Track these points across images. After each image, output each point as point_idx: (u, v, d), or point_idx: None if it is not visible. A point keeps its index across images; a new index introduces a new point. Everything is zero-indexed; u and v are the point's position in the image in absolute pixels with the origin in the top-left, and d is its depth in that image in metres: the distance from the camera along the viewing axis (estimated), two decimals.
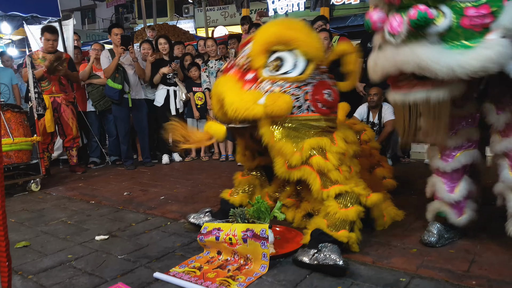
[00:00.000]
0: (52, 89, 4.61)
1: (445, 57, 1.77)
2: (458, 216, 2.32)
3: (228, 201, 2.72)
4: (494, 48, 1.71)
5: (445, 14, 1.78)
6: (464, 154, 2.29)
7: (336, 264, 1.97)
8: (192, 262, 2.19)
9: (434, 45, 1.80)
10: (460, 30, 1.79)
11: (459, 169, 2.30)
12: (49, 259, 2.36)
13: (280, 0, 14.26)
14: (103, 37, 18.83)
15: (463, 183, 2.30)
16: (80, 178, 4.65)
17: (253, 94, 2.28)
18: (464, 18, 1.78)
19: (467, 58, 1.74)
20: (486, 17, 1.75)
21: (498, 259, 2.12)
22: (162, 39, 5.23)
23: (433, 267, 2.05)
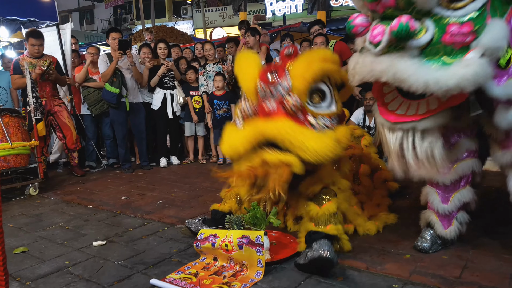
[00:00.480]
0: (43, 93, 4.61)
1: (422, 71, 1.76)
2: (446, 228, 2.33)
3: (218, 210, 2.74)
4: (471, 68, 1.69)
5: (428, 28, 1.78)
6: (462, 165, 2.26)
7: (321, 256, 2.01)
8: (188, 269, 2.22)
9: (413, 58, 1.79)
10: (441, 45, 1.78)
11: (457, 179, 2.28)
12: (47, 265, 2.38)
13: (278, 2, 14.31)
14: (101, 38, 18.82)
15: (458, 194, 2.29)
16: (78, 182, 4.67)
17: (330, 137, 2.18)
18: (446, 34, 1.77)
19: (443, 75, 1.72)
20: (467, 35, 1.75)
21: (490, 265, 2.15)
22: (162, 44, 5.25)
23: (425, 273, 2.09)
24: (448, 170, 2.24)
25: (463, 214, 2.35)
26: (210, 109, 5.27)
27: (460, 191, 2.30)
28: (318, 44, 4.50)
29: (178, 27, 18.45)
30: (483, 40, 1.72)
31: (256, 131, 2.16)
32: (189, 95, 5.37)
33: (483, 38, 1.72)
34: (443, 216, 2.33)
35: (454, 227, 2.32)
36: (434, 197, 2.35)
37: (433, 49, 1.79)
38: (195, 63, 5.61)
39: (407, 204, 3.26)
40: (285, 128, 2.13)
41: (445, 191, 2.32)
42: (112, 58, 4.85)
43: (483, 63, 1.71)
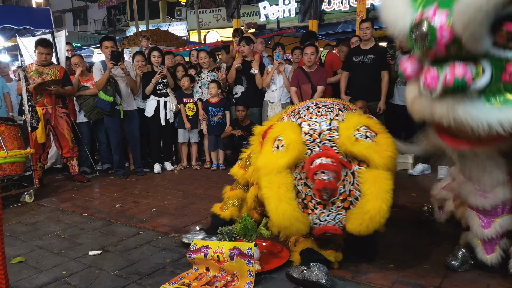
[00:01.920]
0: (44, 101, 4.68)
1: (483, 113, 1.74)
2: (488, 254, 2.22)
3: (219, 216, 2.83)
4: None
5: (485, 71, 1.74)
6: (503, 189, 2.13)
7: (319, 281, 2.11)
8: (181, 279, 2.31)
9: (472, 101, 1.76)
10: (501, 84, 1.76)
11: (499, 204, 2.17)
12: (45, 275, 2.46)
13: (272, 6, 14.43)
14: (95, 39, 18.77)
15: (501, 220, 2.18)
16: (73, 189, 4.73)
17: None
18: (506, 74, 1.75)
19: (506, 114, 1.71)
20: None
21: (470, 274, 2.26)
22: (156, 52, 5.33)
23: (407, 283, 2.20)
24: (489, 194, 2.15)
25: (506, 241, 2.23)
26: (205, 116, 5.36)
27: (503, 217, 2.18)
28: (309, 55, 4.61)
29: (172, 29, 18.52)
30: None
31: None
32: (183, 102, 5.45)
33: None
34: (485, 242, 2.22)
35: (497, 255, 2.19)
36: (475, 220, 2.24)
37: (493, 89, 1.77)
38: (191, 70, 5.69)
39: (392, 212, 3.34)
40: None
41: (487, 216, 2.20)
42: (105, 65, 4.92)
43: None
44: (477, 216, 2.22)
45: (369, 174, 2.16)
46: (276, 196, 2.15)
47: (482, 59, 1.75)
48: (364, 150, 2.14)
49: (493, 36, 1.70)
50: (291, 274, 2.23)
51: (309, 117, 2.30)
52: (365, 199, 2.15)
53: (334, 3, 13.95)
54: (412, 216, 3.23)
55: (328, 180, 2.10)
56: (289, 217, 2.14)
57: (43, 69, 4.64)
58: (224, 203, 2.91)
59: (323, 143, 2.20)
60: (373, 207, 2.11)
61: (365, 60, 4.66)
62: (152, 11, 20.47)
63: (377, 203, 2.12)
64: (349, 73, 4.90)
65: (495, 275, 2.23)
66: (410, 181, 4.40)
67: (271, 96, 5.18)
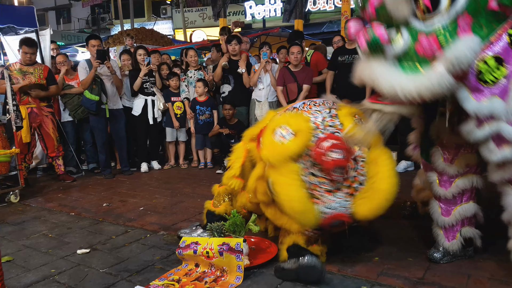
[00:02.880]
0: (28, 99, 4.63)
1: (394, 77, 1.91)
2: (449, 240, 2.36)
3: (214, 212, 2.83)
4: (431, 77, 1.84)
5: (403, 38, 1.92)
6: (463, 180, 2.31)
7: (314, 265, 2.17)
8: (171, 275, 2.33)
9: (389, 64, 1.94)
10: (415, 54, 1.92)
11: (459, 193, 2.33)
12: (33, 274, 2.45)
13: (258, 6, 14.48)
14: (79, 38, 18.51)
15: (460, 208, 2.33)
16: (59, 188, 4.69)
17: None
18: (418, 44, 1.91)
19: (409, 82, 1.88)
20: (433, 47, 1.88)
21: (451, 266, 2.34)
22: (142, 50, 5.32)
23: (392, 275, 2.27)
24: (449, 184, 2.32)
25: (469, 229, 2.36)
26: (192, 114, 5.37)
27: (462, 205, 2.34)
28: (295, 54, 4.66)
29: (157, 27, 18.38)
30: (447, 53, 1.85)
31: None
32: (170, 101, 5.45)
33: (448, 52, 1.85)
34: (445, 229, 2.37)
35: (457, 241, 2.34)
36: (436, 209, 2.40)
37: (407, 57, 1.93)
38: (176, 69, 5.69)
39: None
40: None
41: (447, 204, 2.36)
42: (91, 64, 4.88)
43: (442, 74, 1.83)
44: (438, 205, 2.39)
45: (373, 155, 2.25)
46: (290, 182, 2.17)
47: (404, 28, 1.92)
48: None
49: (415, 8, 1.89)
50: (283, 266, 2.27)
51: (308, 108, 2.38)
52: (373, 180, 2.22)
53: (319, 3, 14.08)
54: (396, 212, 3.30)
55: (340, 157, 2.14)
56: (304, 203, 2.17)
57: (27, 68, 4.59)
58: (216, 199, 2.93)
59: (326, 129, 2.26)
60: (383, 186, 2.20)
61: (350, 59, 4.74)
62: (137, 10, 20.31)
63: (387, 182, 2.21)
64: (334, 72, 4.97)
65: (476, 266, 2.32)
66: None
67: (258, 95, 5.22)
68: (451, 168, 2.32)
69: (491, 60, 1.89)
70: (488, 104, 1.90)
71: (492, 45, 1.90)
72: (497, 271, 2.26)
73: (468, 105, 1.95)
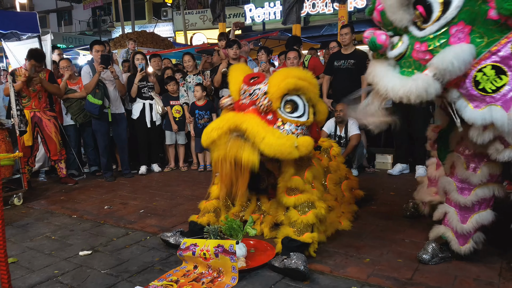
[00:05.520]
0: (32, 104, 4.74)
1: (389, 79, 2.04)
2: (462, 245, 2.39)
3: (196, 222, 2.94)
4: (417, 82, 1.94)
5: (403, 43, 2.05)
6: (483, 189, 2.30)
7: (297, 268, 2.31)
8: (169, 276, 2.43)
9: (389, 66, 2.08)
10: (411, 59, 2.05)
11: (478, 201, 2.33)
12: (37, 275, 2.55)
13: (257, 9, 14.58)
14: (80, 40, 18.66)
15: (477, 216, 2.34)
16: (61, 191, 4.79)
17: (289, 138, 2.58)
18: (414, 51, 2.04)
19: (400, 84, 1.99)
20: (425, 54, 2.00)
21: (439, 267, 2.43)
22: (139, 55, 5.41)
23: (381, 276, 2.36)
24: (469, 192, 2.33)
25: (479, 235, 2.39)
26: (191, 119, 5.46)
27: (480, 213, 2.34)
28: (292, 59, 4.76)
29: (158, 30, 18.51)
30: (433, 60, 1.94)
31: (228, 121, 2.60)
32: (169, 104, 5.55)
33: (434, 58, 1.94)
34: (459, 235, 2.39)
35: (470, 246, 2.38)
36: (453, 215, 2.40)
37: (406, 62, 2.06)
38: (178, 74, 5.79)
39: (371, 210, 3.54)
40: (251, 120, 2.56)
41: (465, 211, 2.37)
42: (94, 68, 4.98)
43: (428, 80, 1.93)
44: (456, 212, 2.39)
45: None
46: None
47: (405, 34, 2.07)
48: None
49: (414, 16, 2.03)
50: (273, 264, 2.43)
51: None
52: None
53: (318, 6, 14.18)
54: (389, 214, 3.41)
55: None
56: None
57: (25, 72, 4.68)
58: (201, 213, 3.05)
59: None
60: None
61: (346, 64, 4.84)
62: (137, 12, 20.42)
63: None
64: (330, 77, 5.06)
65: (463, 268, 2.41)
66: (389, 181, 4.58)
67: None
68: (474, 177, 2.30)
69: (489, 69, 1.93)
70: (485, 112, 1.96)
71: (493, 54, 1.93)
72: (483, 272, 2.34)
73: (465, 114, 2.02)
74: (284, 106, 2.68)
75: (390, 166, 5.00)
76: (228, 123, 2.58)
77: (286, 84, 2.65)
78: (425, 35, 2.01)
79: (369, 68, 2.19)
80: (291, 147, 2.53)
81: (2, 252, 1.63)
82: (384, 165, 5.04)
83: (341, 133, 4.75)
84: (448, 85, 2.01)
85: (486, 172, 2.27)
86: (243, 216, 3.08)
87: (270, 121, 2.65)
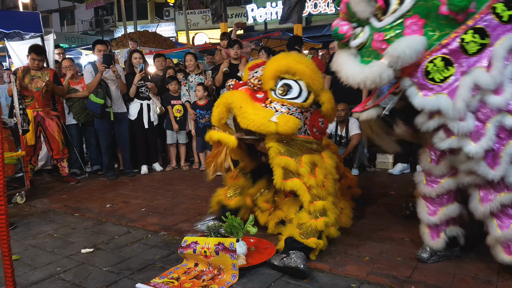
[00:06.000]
0: (35, 104, 4.77)
1: (349, 66, 2.19)
2: (433, 239, 2.44)
3: (227, 207, 3.01)
4: (372, 69, 2.10)
5: (364, 34, 2.19)
6: (448, 181, 2.37)
7: (297, 267, 2.33)
8: (170, 273, 2.45)
9: (350, 55, 2.22)
10: (371, 49, 2.19)
11: (444, 194, 2.40)
12: (40, 272, 2.58)
13: (259, 8, 14.60)
14: (83, 40, 18.73)
15: (445, 209, 2.40)
16: (64, 190, 4.82)
17: (267, 111, 2.67)
18: (373, 41, 2.18)
19: (358, 71, 2.14)
20: (382, 43, 2.14)
21: (438, 266, 2.45)
22: (137, 54, 5.42)
23: (380, 274, 2.37)
24: (435, 184, 2.40)
25: (454, 229, 2.44)
26: (195, 114, 5.47)
27: (447, 206, 2.41)
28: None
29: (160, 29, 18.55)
30: (388, 49, 2.08)
31: (222, 97, 2.79)
32: (170, 104, 5.57)
33: (389, 48, 2.08)
34: (431, 228, 2.45)
35: (442, 240, 2.42)
36: (423, 208, 2.48)
37: (366, 52, 2.20)
38: (180, 74, 5.81)
39: (371, 209, 3.56)
40: (237, 94, 2.72)
41: (433, 203, 2.44)
42: (97, 68, 5.01)
43: (382, 67, 2.09)
44: (425, 204, 2.48)
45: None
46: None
47: (367, 25, 2.21)
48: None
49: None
50: (273, 262, 2.45)
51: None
52: None
53: (320, 6, 14.20)
54: (389, 213, 3.42)
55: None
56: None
57: (35, 72, 4.74)
58: (228, 190, 3.12)
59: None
60: None
61: None
62: (140, 12, 20.48)
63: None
64: (331, 77, 5.08)
65: (462, 266, 2.42)
66: (389, 180, 4.60)
67: None
68: (436, 168, 2.40)
69: (439, 60, 2.08)
70: (434, 100, 2.09)
71: (443, 47, 2.08)
72: (481, 271, 2.36)
73: (415, 100, 2.15)
74: (278, 89, 2.77)
75: (391, 165, 5.01)
76: (221, 99, 2.78)
77: (277, 65, 2.77)
78: (382, 26, 2.16)
79: (334, 57, 2.35)
80: (265, 118, 2.59)
81: (6, 249, 1.65)
82: (385, 165, 5.05)
83: (342, 132, 4.77)
84: (402, 74, 2.16)
85: (448, 164, 2.34)
86: (256, 200, 3.12)
87: (258, 99, 2.77)
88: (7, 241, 1.66)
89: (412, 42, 2.03)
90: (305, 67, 2.76)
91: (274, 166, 2.69)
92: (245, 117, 2.59)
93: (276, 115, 2.64)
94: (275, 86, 2.76)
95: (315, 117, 2.86)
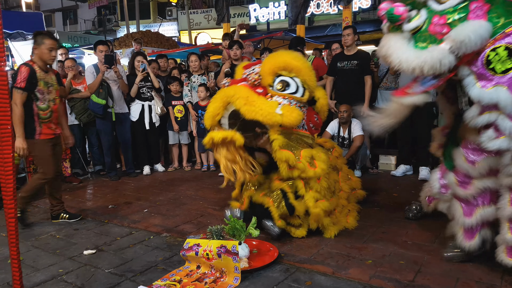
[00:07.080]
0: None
1: (403, 51, 2.07)
2: (468, 241, 2.37)
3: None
4: (433, 54, 1.98)
5: (421, 17, 2.08)
6: (483, 182, 2.27)
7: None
8: (172, 276, 2.45)
9: (403, 39, 2.10)
10: (428, 34, 2.08)
11: (480, 194, 2.31)
12: (42, 274, 2.58)
13: (262, 8, 14.59)
14: (85, 39, 18.72)
15: (482, 211, 2.31)
16: (66, 190, 4.81)
17: (272, 103, 2.74)
18: (431, 25, 2.07)
19: (414, 56, 2.02)
20: (443, 27, 2.04)
21: (441, 269, 2.44)
22: (140, 57, 5.42)
23: (383, 277, 2.36)
24: (469, 185, 2.32)
25: (487, 231, 2.37)
26: (197, 115, 5.46)
27: (484, 208, 2.32)
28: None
29: (162, 29, 18.55)
30: (451, 33, 1.98)
31: (220, 93, 2.87)
32: (171, 104, 5.57)
33: (452, 31, 1.97)
34: (466, 229, 2.37)
35: (476, 242, 2.35)
36: (458, 208, 2.40)
37: (421, 36, 2.08)
38: (183, 75, 5.80)
39: (374, 211, 3.54)
40: (239, 87, 2.77)
41: (469, 204, 2.35)
42: (98, 68, 5.01)
43: (444, 52, 1.97)
44: (461, 206, 2.40)
45: None
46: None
47: (423, 8, 2.09)
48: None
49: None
50: None
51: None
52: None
53: (323, 6, 14.17)
54: (391, 215, 3.41)
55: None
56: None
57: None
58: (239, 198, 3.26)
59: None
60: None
61: (349, 65, 4.84)
62: (142, 11, 20.50)
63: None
64: (334, 78, 5.07)
65: (465, 270, 2.41)
66: (392, 182, 4.58)
67: None
68: (474, 170, 2.28)
69: (502, 49, 1.96)
70: (492, 92, 1.98)
71: (507, 35, 1.96)
72: (485, 275, 2.34)
73: (473, 91, 2.04)
74: (277, 84, 2.84)
75: (393, 167, 5.00)
76: (220, 94, 2.83)
77: (276, 62, 2.86)
78: (444, 9, 2.06)
79: (383, 41, 2.20)
80: (271, 107, 2.66)
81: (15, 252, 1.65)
82: (388, 166, 5.03)
83: (345, 134, 4.75)
84: (461, 62, 2.05)
85: (485, 166, 2.24)
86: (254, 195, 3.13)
87: (259, 93, 2.81)
88: (15, 244, 1.66)
89: (478, 27, 1.92)
90: (301, 65, 2.88)
91: (278, 161, 2.81)
92: (253, 105, 2.65)
93: (279, 106, 2.74)
94: (273, 83, 2.86)
95: (311, 113, 3.00)
